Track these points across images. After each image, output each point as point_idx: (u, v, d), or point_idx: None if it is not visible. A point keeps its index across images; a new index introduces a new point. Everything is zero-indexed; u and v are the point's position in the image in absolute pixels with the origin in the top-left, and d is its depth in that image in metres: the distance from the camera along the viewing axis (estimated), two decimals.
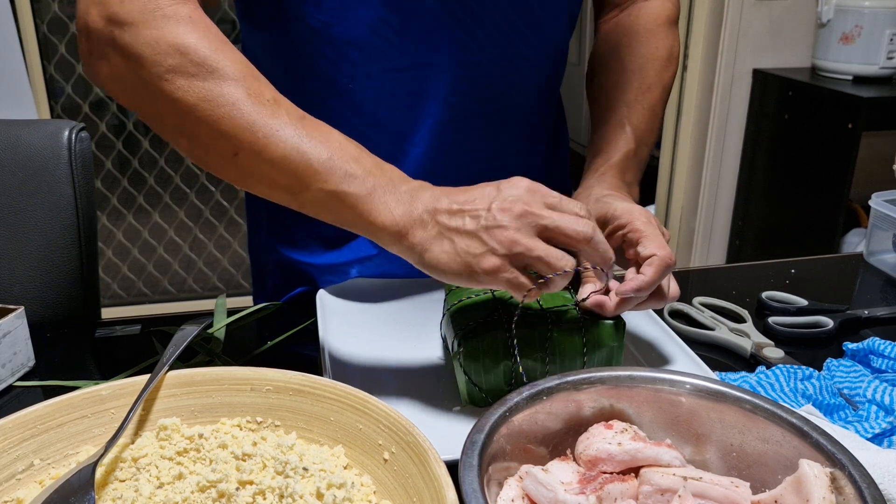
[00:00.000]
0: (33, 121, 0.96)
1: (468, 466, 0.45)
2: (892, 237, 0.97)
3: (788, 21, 2.40)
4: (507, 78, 0.81)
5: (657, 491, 0.47)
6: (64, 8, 2.33)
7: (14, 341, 0.71)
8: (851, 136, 2.10)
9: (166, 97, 0.57)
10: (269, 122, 0.57)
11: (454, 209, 0.56)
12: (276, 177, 0.58)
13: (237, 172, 0.59)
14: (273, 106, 0.58)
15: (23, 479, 0.51)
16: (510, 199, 0.56)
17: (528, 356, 0.62)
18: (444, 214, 0.56)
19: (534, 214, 0.55)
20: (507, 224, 0.54)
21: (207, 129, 0.57)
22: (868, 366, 0.71)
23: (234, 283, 2.73)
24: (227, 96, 0.56)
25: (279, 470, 0.50)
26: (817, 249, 2.26)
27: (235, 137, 0.57)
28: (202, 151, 0.60)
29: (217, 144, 0.58)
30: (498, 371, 0.62)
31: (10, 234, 0.92)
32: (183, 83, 0.56)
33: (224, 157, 0.58)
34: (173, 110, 0.57)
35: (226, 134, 0.57)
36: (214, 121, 0.56)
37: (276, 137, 0.57)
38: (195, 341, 0.76)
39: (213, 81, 0.56)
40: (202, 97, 0.56)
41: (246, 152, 0.57)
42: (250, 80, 0.58)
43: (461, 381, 0.63)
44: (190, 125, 0.57)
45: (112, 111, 2.50)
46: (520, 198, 0.56)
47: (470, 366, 0.62)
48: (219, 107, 0.56)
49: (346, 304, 0.81)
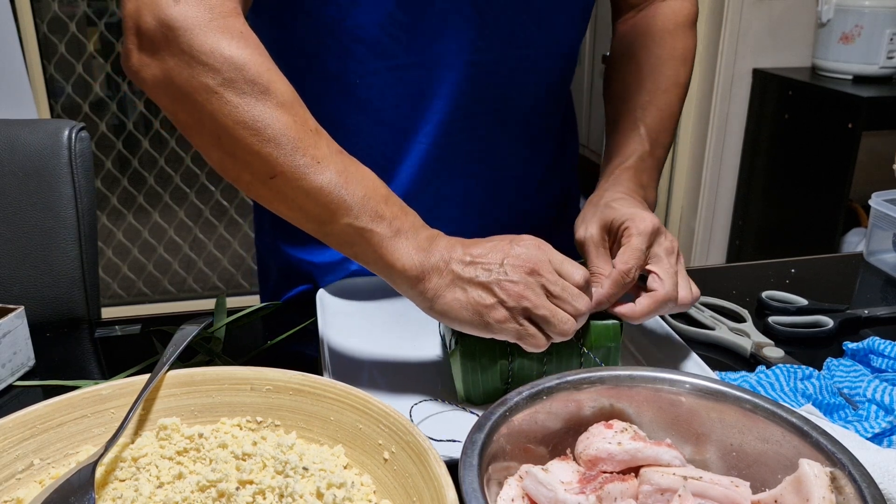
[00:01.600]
0: (33, 121, 0.96)
1: (468, 466, 0.45)
2: (892, 237, 0.97)
3: (788, 21, 2.40)
4: (514, 78, 0.80)
5: (657, 491, 0.47)
6: (64, 8, 2.33)
7: (14, 341, 0.71)
8: (851, 136, 2.10)
9: (213, 108, 0.56)
10: (311, 152, 0.58)
11: (468, 260, 0.59)
12: (309, 205, 0.59)
13: (270, 194, 0.60)
14: (315, 137, 0.59)
15: (23, 479, 0.51)
16: (521, 256, 0.59)
17: (525, 356, 0.62)
18: (458, 264, 0.59)
19: (542, 276, 0.59)
20: (517, 280, 0.58)
21: (248, 149, 0.57)
22: (868, 365, 0.71)
23: (234, 283, 2.73)
24: (276, 120, 0.57)
25: (279, 469, 0.50)
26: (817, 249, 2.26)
27: (276, 161, 0.57)
28: (237, 168, 0.59)
29: (255, 164, 0.58)
30: (494, 370, 0.62)
31: (10, 234, 0.92)
32: (233, 98, 0.56)
33: (259, 178, 0.59)
34: (216, 122, 0.57)
35: (267, 157, 0.57)
36: (258, 142, 0.57)
37: (316, 168, 0.58)
38: (195, 341, 0.76)
39: (263, 102, 0.57)
40: (251, 116, 0.57)
41: (284, 177, 0.58)
42: (297, 106, 0.59)
43: (458, 379, 0.63)
44: (231, 142, 0.57)
45: (112, 111, 2.50)
46: (530, 256, 0.59)
47: (466, 364, 0.62)
48: (265, 129, 0.57)
49: (345, 303, 0.81)
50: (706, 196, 2.60)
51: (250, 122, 0.57)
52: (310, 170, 0.58)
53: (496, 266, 0.58)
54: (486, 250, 0.60)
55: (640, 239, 0.64)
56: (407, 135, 0.80)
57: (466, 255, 0.59)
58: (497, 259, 0.59)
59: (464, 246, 0.60)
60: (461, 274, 0.59)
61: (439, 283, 0.59)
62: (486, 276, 0.58)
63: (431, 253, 0.60)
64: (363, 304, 0.82)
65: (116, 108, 2.50)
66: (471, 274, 0.58)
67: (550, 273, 0.59)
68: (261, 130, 0.57)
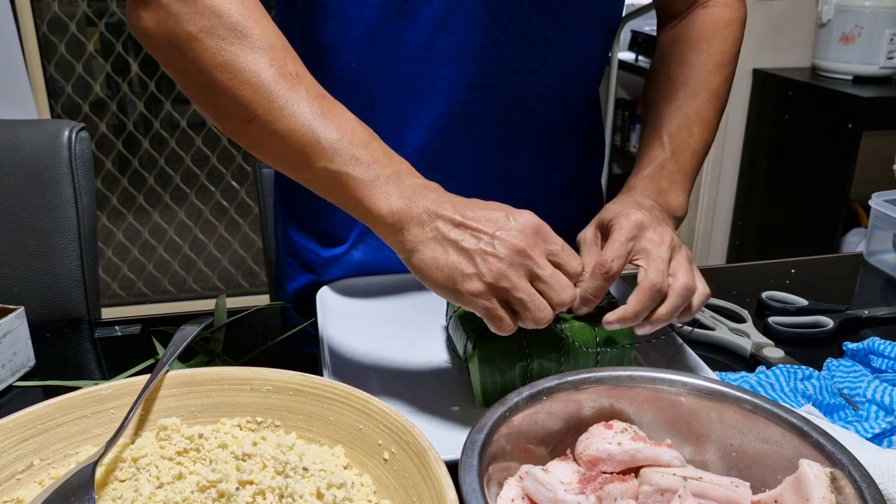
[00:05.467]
0: (33, 121, 0.96)
1: (468, 466, 0.45)
2: (892, 237, 0.97)
3: (788, 21, 2.40)
4: (523, 80, 0.79)
5: (657, 491, 0.47)
6: (64, 8, 2.33)
7: (14, 341, 0.71)
8: (851, 136, 2.10)
9: (194, 55, 0.58)
10: (285, 95, 0.58)
11: (457, 220, 0.56)
12: (285, 150, 0.59)
13: (248, 140, 0.61)
14: (294, 80, 0.59)
15: (23, 479, 0.51)
16: (514, 232, 0.55)
17: (543, 357, 0.62)
18: (444, 222, 0.56)
19: (531, 259, 0.55)
20: (502, 256, 0.54)
21: (226, 93, 0.58)
22: (868, 366, 0.71)
23: (234, 283, 2.73)
24: (250, 63, 0.58)
25: (279, 470, 0.50)
26: (817, 249, 2.26)
27: (250, 105, 0.58)
28: (219, 115, 0.61)
29: (233, 109, 0.59)
30: (513, 372, 0.62)
31: (10, 234, 0.92)
32: (212, 44, 0.58)
33: (238, 124, 0.60)
34: (198, 70, 0.59)
35: (242, 100, 0.58)
36: (234, 85, 0.58)
37: (289, 111, 0.58)
38: (195, 341, 0.76)
39: (239, 46, 0.58)
40: (226, 60, 0.58)
41: (258, 121, 0.58)
42: (277, 50, 0.59)
43: (476, 384, 0.63)
44: (211, 87, 0.59)
45: (112, 111, 2.50)
46: (524, 234, 0.56)
47: (485, 368, 0.62)
48: (240, 72, 0.58)
49: (346, 303, 0.81)
50: (706, 196, 2.60)
51: (226, 66, 0.58)
52: (284, 112, 0.58)
53: (486, 236, 0.55)
54: (480, 216, 0.56)
55: (622, 232, 0.62)
56: (402, 128, 0.79)
57: (457, 214, 0.56)
58: (489, 228, 0.56)
59: (455, 205, 0.57)
60: (446, 234, 0.56)
61: (420, 236, 0.57)
62: (472, 244, 0.55)
63: (414, 202, 0.57)
64: (364, 304, 0.82)
65: (116, 108, 2.50)
66: (456, 236, 0.56)
67: (540, 256, 0.56)
68: (236, 74, 0.58)
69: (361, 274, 0.87)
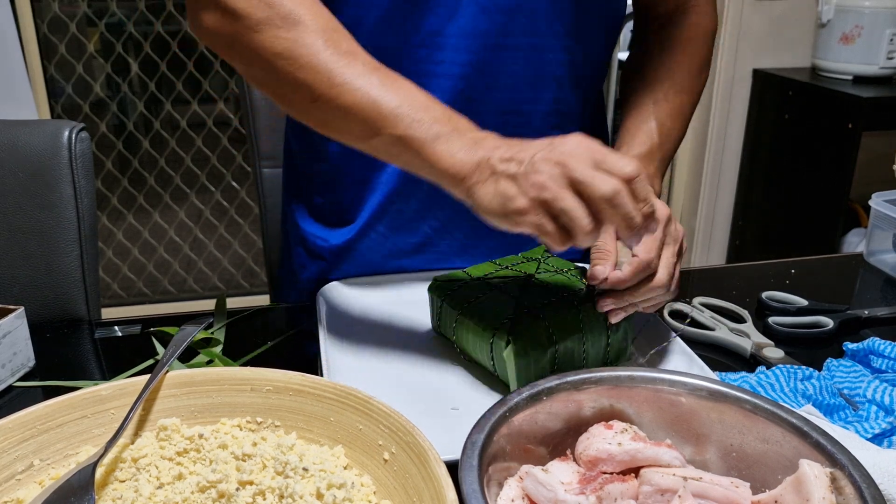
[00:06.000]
0: (33, 121, 0.96)
1: (468, 466, 0.45)
2: (892, 237, 0.97)
3: (788, 21, 2.40)
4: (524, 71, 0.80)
5: (657, 491, 0.47)
6: (64, 8, 2.33)
7: (14, 341, 0.71)
8: (851, 136, 2.10)
9: (256, 47, 0.64)
10: (343, 71, 0.62)
11: (507, 156, 0.59)
12: (350, 124, 0.63)
13: (316, 119, 0.65)
14: (349, 56, 0.63)
15: (23, 480, 0.51)
16: (556, 151, 0.57)
17: (567, 339, 0.64)
18: (497, 160, 0.59)
19: (568, 167, 0.56)
20: (541, 170, 0.56)
21: (288, 77, 0.63)
22: (868, 366, 0.71)
23: (234, 283, 2.73)
24: (308, 46, 0.63)
25: (279, 470, 0.50)
26: (817, 249, 2.26)
27: (312, 85, 0.63)
28: (285, 99, 0.66)
29: (298, 92, 0.64)
30: (545, 359, 0.64)
31: (10, 234, 0.92)
32: (270, 34, 0.63)
33: (304, 104, 0.64)
34: (260, 59, 0.64)
35: (304, 82, 0.63)
36: (295, 70, 0.63)
37: (349, 86, 0.62)
38: (195, 341, 0.76)
39: (295, 32, 0.63)
40: (285, 48, 0.63)
41: (322, 100, 0.63)
42: (330, 31, 0.64)
43: (512, 379, 0.64)
44: (273, 74, 0.64)
45: (112, 111, 2.50)
46: (565, 151, 0.57)
47: (520, 362, 0.63)
48: (299, 57, 0.63)
49: (346, 303, 0.81)
50: (706, 196, 2.59)
51: (285, 53, 0.63)
52: (345, 88, 0.62)
53: (528, 159, 0.57)
54: (526, 147, 0.59)
55: (660, 227, 0.64)
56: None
57: (508, 152, 0.59)
58: (531, 153, 0.58)
59: (508, 145, 0.60)
60: (497, 168, 0.59)
61: (479, 178, 0.59)
62: (516, 168, 0.58)
63: (476, 152, 0.60)
64: (364, 304, 0.82)
65: (116, 108, 2.50)
66: (504, 168, 0.58)
67: (584, 166, 0.55)
68: (296, 59, 0.63)
69: (367, 263, 0.87)
